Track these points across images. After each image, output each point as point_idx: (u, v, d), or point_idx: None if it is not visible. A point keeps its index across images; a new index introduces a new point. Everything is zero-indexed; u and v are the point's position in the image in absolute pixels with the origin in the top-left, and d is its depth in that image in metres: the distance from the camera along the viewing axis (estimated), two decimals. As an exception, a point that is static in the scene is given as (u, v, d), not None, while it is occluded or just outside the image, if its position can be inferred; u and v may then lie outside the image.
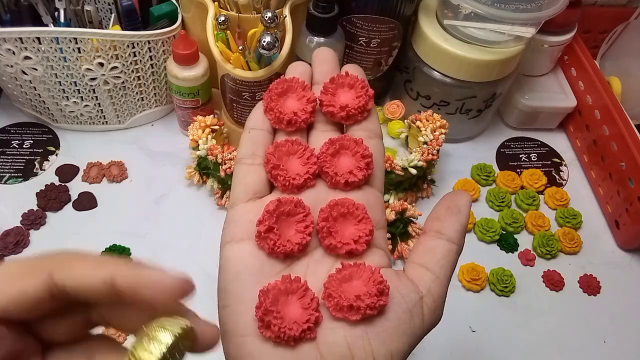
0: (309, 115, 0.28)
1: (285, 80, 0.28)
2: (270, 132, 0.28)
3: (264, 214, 0.25)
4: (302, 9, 0.56)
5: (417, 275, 0.25)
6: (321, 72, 0.29)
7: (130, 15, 0.57)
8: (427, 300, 0.24)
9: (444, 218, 0.26)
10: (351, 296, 0.23)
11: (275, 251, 0.24)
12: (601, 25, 0.73)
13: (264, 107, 0.28)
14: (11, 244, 0.54)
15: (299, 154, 0.27)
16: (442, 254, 0.25)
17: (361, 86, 0.28)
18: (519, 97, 0.69)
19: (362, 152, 0.27)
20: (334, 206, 0.25)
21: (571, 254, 0.61)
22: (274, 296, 0.23)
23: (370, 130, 0.28)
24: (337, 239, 0.25)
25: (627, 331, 0.56)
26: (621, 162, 0.61)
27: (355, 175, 0.26)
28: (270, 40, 0.49)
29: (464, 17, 0.57)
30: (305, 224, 0.25)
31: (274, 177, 0.26)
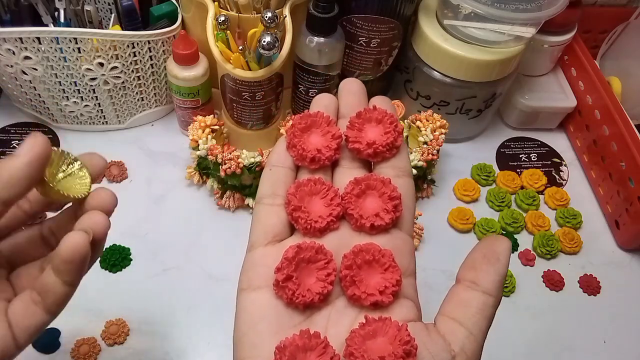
0: (334, 152, 0.26)
1: (309, 115, 0.27)
2: (292, 170, 0.27)
3: (283, 261, 0.23)
4: (302, 8, 0.56)
5: (449, 331, 0.23)
6: (347, 105, 0.28)
7: (130, 15, 0.57)
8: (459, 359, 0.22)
9: (479, 267, 0.24)
10: (375, 357, 0.21)
11: (294, 301, 0.23)
12: (601, 25, 0.73)
13: (287, 142, 0.27)
14: (11, 244, 0.53)
15: (322, 194, 0.25)
16: (478, 308, 0.23)
17: (390, 121, 0.27)
18: (519, 97, 0.69)
19: (389, 193, 0.25)
20: (359, 253, 0.24)
21: (571, 254, 0.61)
22: (291, 353, 0.21)
23: (399, 169, 0.27)
24: (362, 289, 0.23)
25: (627, 331, 0.56)
26: (621, 162, 0.61)
27: (382, 219, 0.25)
28: (270, 40, 0.49)
29: (464, 17, 0.57)
30: (327, 272, 0.24)
31: (295, 220, 0.25)
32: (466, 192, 0.64)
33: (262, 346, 0.22)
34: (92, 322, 0.50)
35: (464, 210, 0.61)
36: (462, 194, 0.64)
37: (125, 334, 0.50)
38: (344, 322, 0.23)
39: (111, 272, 0.54)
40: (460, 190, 0.64)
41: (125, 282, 0.53)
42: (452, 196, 0.64)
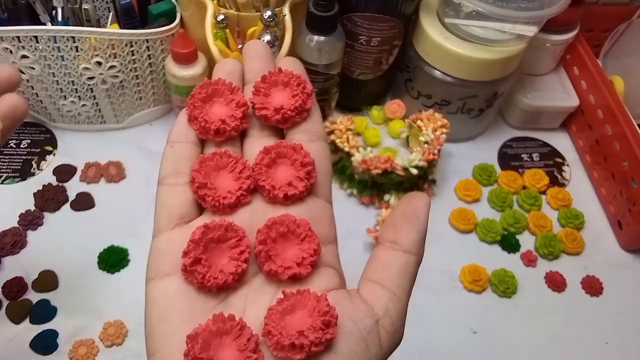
0: (240, 121, 0.24)
1: (209, 83, 0.25)
2: (196, 145, 0.25)
3: (189, 244, 0.22)
4: (302, 7, 0.55)
5: (372, 295, 0.22)
6: (253, 70, 0.26)
7: (128, 14, 0.57)
8: (384, 323, 0.22)
9: (399, 227, 0.23)
10: (293, 332, 0.20)
11: (205, 285, 0.21)
12: (604, 24, 0.73)
13: (187, 115, 0.25)
14: (8, 245, 0.53)
15: (229, 167, 0.24)
16: (400, 268, 0.23)
17: (297, 83, 0.25)
18: (520, 96, 0.68)
19: (301, 159, 0.23)
20: (272, 226, 0.22)
21: (573, 255, 0.60)
22: (205, 340, 0.20)
23: (311, 133, 0.25)
24: (278, 263, 0.22)
25: (630, 332, 0.55)
26: (624, 162, 0.60)
27: (295, 187, 0.23)
28: (269, 39, 0.49)
29: (466, 15, 0.57)
30: (240, 250, 0.22)
31: (201, 198, 0.23)
32: (467, 192, 0.63)
33: (174, 336, 0.21)
34: (90, 323, 0.50)
35: (465, 211, 0.61)
36: (464, 194, 0.63)
37: (124, 335, 0.49)
38: (262, 301, 0.22)
39: (109, 273, 0.53)
40: (462, 190, 0.63)
41: (123, 283, 0.53)
42: (454, 196, 0.64)
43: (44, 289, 0.51)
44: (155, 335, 0.21)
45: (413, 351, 0.52)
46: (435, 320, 0.54)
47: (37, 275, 0.52)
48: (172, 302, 0.22)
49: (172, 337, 0.21)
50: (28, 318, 0.50)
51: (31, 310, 0.50)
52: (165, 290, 0.22)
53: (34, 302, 0.50)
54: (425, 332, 0.53)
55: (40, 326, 0.49)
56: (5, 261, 0.53)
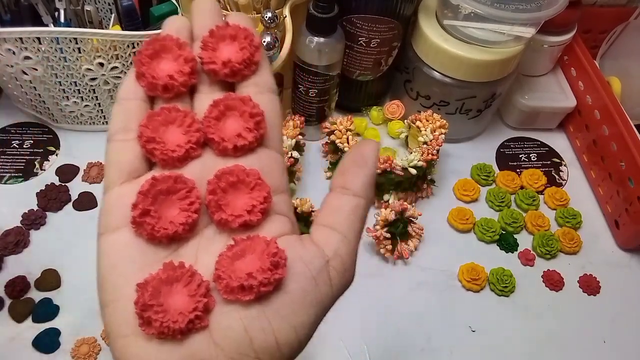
0: (188, 77, 0.24)
1: (157, 39, 0.24)
2: (145, 101, 0.24)
3: (138, 195, 0.21)
4: (302, 9, 0.56)
5: (323, 238, 0.23)
6: (201, 27, 0.25)
7: (130, 16, 0.57)
8: (334, 263, 0.22)
9: (348, 172, 0.24)
10: (242, 274, 0.20)
11: (155, 236, 0.21)
12: (601, 25, 0.73)
13: (135, 72, 0.24)
14: (11, 244, 0.54)
15: (178, 122, 0.23)
16: (349, 211, 0.23)
17: (244, 36, 0.25)
18: (518, 97, 0.69)
19: (250, 110, 0.23)
20: (222, 176, 0.22)
21: (571, 254, 0.61)
22: (155, 287, 0.20)
23: (260, 85, 0.25)
24: (228, 212, 0.22)
25: (627, 331, 0.56)
26: (621, 162, 0.61)
27: (244, 138, 0.23)
28: (270, 41, 0.49)
29: (464, 17, 0.58)
30: (190, 201, 0.22)
31: (150, 152, 0.23)
32: (466, 192, 0.64)
33: (125, 286, 0.21)
34: (92, 322, 0.50)
35: (463, 210, 0.61)
36: (462, 194, 0.64)
37: None
38: (214, 250, 0.22)
39: (111, 272, 0.54)
40: (460, 190, 0.64)
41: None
42: (452, 196, 0.64)
43: (46, 288, 0.52)
44: (106, 286, 0.21)
45: (412, 349, 0.52)
46: (434, 318, 0.54)
47: (40, 274, 0.52)
48: (123, 253, 0.22)
49: (123, 288, 0.21)
50: (30, 317, 0.50)
51: (34, 309, 0.50)
52: (115, 242, 0.22)
53: (36, 301, 0.51)
54: (424, 330, 0.53)
55: (42, 325, 0.50)
56: (8, 260, 0.53)
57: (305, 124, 0.62)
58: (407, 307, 0.55)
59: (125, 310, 0.20)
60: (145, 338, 0.20)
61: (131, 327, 0.20)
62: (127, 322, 0.20)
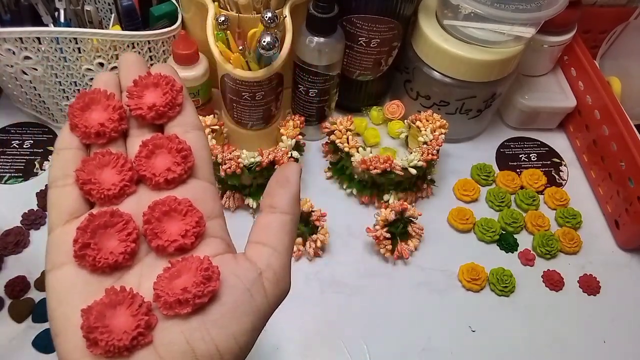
0: (118, 123, 0.26)
1: (86, 93, 0.27)
2: (81, 150, 0.26)
3: (77, 231, 0.23)
4: (302, 9, 0.56)
5: (255, 254, 0.25)
6: (127, 78, 0.28)
7: (130, 16, 0.57)
8: (267, 274, 0.24)
9: (274, 192, 0.26)
10: (178, 290, 0.22)
11: (97, 266, 0.23)
12: (601, 25, 0.73)
13: (70, 124, 0.26)
14: (11, 244, 0.54)
15: (112, 164, 0.25)
16: (278, 227, 0.25)
17: (165, 82, 0.27)
18: (518, 97, 0.69)
19: (176, 146, 0.26)
20: (155, 206, 0.24)
21: (571, 254, 0.61)
22: (98, 312, 0.22)
23: (186, 125, 0.27)
24: (164, 238, 0.24)
25: (627, 331, 0.56)
26: (621, 162, 0.61)
27: (173, 171, 0.25)
28: (270, 41, 0.49)
29: (464, 17, 0.58)
30: (127, 232, 0.24)
31: (87, 193, 0.25)
32: (466, 192, 0.64)
33: (73, 316, 0.22)
34: (92, 322, 0.50)
35: (463, 210, 0.61)
36: (462, 194, 0.64)
37: (125, 334, 0.50)
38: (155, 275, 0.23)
39: (111, 272, 0.54)
40: (460, 190, 0.64)
41: (125, 282, 0.53)
42: (452, 196, 0.64)
43: (46, 288, 0.52)
44: (56, 317, 0.23)
45: (412, 349, 0.52)
46: (434, 318, 0.54)
47: (40, 274, 0.52)
48: (69, 285, 0.23)
49: (71, 317, 0.22)
50: (30, 317, 0.50)
51: (33, 309, 0.50)
52: (61, 277, 0.23)
53: (36, 301, 0.51)
54: (424, 330, 0.53)
55: (42, 325, 0.50)
56: (8, 260, 0.53)
57: (305, 124, 0.62)
58: (407, 307, 0.55)
59: (75, 336, 0.22)
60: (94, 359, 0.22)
61: (80, 351, 0.22)
62: (76, 347, 0.22)
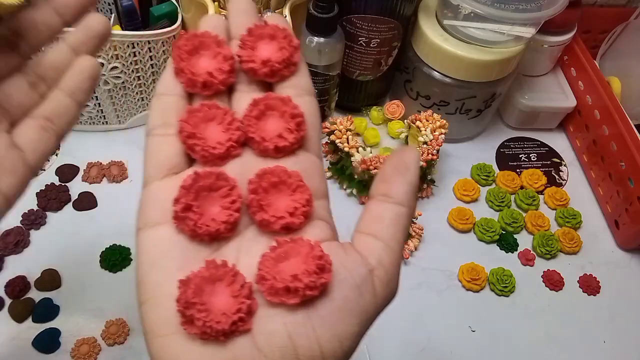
0: (227, 75, 0.24)
1: (195, 35, 0.24)
2: (183, 98, 0.24)
3: (180, 190, 0.21)
4: (302, 9, 0.56)
5: (365, 246, 0.22)
6: (238, 26, 0.25)
7: (130, 16, 0.57)
8: (378, 272, 0.21)
9: (390, 179, 0.23)
10: (287, 276, 0.20)
11: (197, 233, 0.21)
12: (601, 25, 0.73)
13: (174, 68, 0.24)
14: (11, 244, 0.54)
15: (218, 119, 0.23)
16: (392, 219, 0.22)
17: (283, 36, 0.24)
18: (518, 97, 0.69)
19: (290, 111, 0.23)
20: (264, 175, 0.22)
21: (571, 254, 0.61)
22: (197, 285, 0.19)
23: (299, 87, 0.25)
24: (270, 213, 0.22)
25: (627, 331, 0.56)
26: (621, 162, 0.61)
27: (285, 139, 0.23)
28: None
29: (464, 17, 0.58)
30: (232, 199, 0.22)
31: (190, 148, 0.23)
32: (466, 192, 0.64)
33: (166, 284, 0.20)
34: (92, 322, 0.50)
35: (463, 210, 0.62)
36: (462, 194, 0.64)
37: (126, 334, 0.50)
38: (256, 251, 0.21)
39: (111, 272, 0.54)
40: (460, 190, 0.64)
41: (125, 282, 0.53)
42: (452, 196, 0.64)
43: (46, 288, 0.52)
44: (146, 282, 0.21)
45: (412, 349, 0.52)
46: (434, 318, 0.54)
47: (40, 274, 0.52)
48: (164, 249, 0.21)
49: (164, 284, 0.20)
50: (31, 317, 0.50)
51: (34, 309, 0.50)
52: (156, 238, 0.21)
53: (36, 301, 0.51)
54: (424, 330, 0.53)
55: (42, 325, 0.50)
56: (8, 260, 0.53)
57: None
58: (407, 307, 0.55)
59: (166, 308, 0.20)
60: (187, 338, 0.20)
61: (172, 325, 0.20)
62: (167, 320, 0.20)
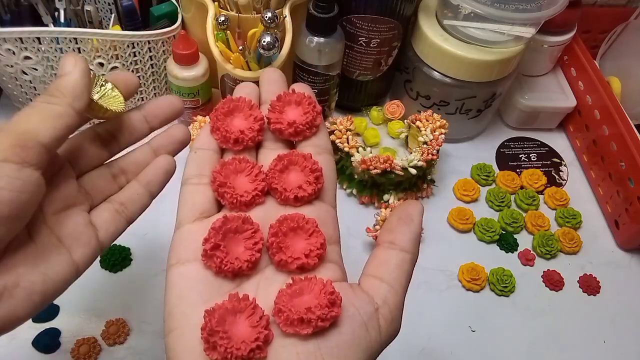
0: (257, 133, 0.28)
1: (231, 100, 0.28)
2: (217, 152, 0.28)
3: (210, 231, 0.24)
4: (302, 9, 0.56)
5: (371, 287, 0.25)
6: (268, 92, 0.29)
7: (130, 16, 0.57)
8: (383, 311, 0.24)
9: (396, 229, 0.26)
10: (301, 309, 0.22)
11: (222, 269, 0.24)
12: (601, 25, 0.73)
13: (211, 126, 0.28)
14: (11, 244, 0.53)
15: (246, 171, 0.27)
16: (396, 264, 0.25)
17: (308, 102, 0.28)
18: (518, 97, 0.69)
19: (310, 166, 0.26)
20: (283, 221, 0.25)
21: (571, 254, 0.61)
22: (220, 316, 0.22)
23: (319, 146, 0.28)
24: (288, 254, 0.24)
25: (627, 331, 0.56)
26: (621, 162, 0.61)
27: (304, 190, 0.26)
28: (270, 41, 0.49)
29: (464, 17, 0.58)
30: (254, 241, 0.25)
31: (221, 195, 0.26)
32: (466, 192, 0.64)
33: (192, 315, 0.23)
34: (92, 322, 0.50)
35: (463, 210, 0.62)
36: (462, 194, 0.64)
37: (126, 334, 0.50)
38: (273, 288, 0.24)
39: (111, 272, 0.54)
40: (460, 190, 0.64)
41: (125, 282, 0.53)
42: (452, 196, 0.64)
43: (46, 288, 0.52)
44: (175, 313, 0.23)
45: (412, 349, 0.52)
46: (434, 318, 0.54)
47: (40, 274, 0.52)
48: (192, 284, 0.24)
49: (190, 316, 0.23)
50: (31, 317, 0.50)
51: (34, 308, 0.50)
52: (185, 274, 0.24)
53: (36, 301, 0.51)
54: (424, 330, 0.53)
55: (42, 325, 0.50)
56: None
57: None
58: (407, 307, 0.54)
59: (191, 337, 0.22)
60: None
61: (196, 353, 0.22)
62: (192, 348, 0.22)
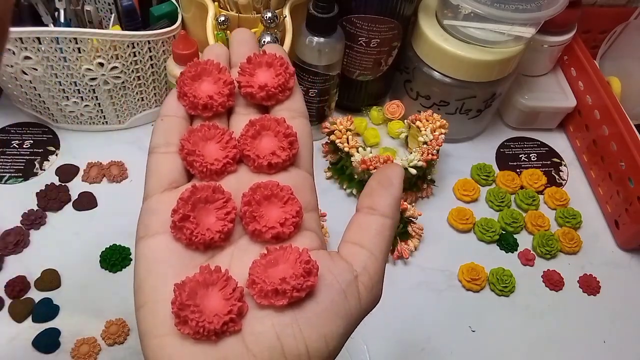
0: (227, 98, 0.26)
1: (198, 63, 0.26)
2: (185, 119, 0.26)
3: (178, 201, 0.23)
4: (302, 9, 0.56)
5: (351, 254, 0.24)
6: (239, 54, 0.28)
7: (130, 16, 0.57)
8: (362, 278, 0.23)
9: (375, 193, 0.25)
10: (276, 280, 0.21)
11: (193, 241, 0.22)
12: (601, 25, 0.73)
13: (178, 92, 0.26)
14: (11, 244, 0.54)
15: (216, 138, 0.25)
16: (376, 230, 0.24)
17: (280, 64, 0.27)
18: (518, 97, 0.69)
19: (284, 131, 0.25)
20: (257, 189, 0.24)
21: (571, 254, 0.61)
22: (191, 289, 0.21)
23: (293, 110, 0.27)
24: (262, 224, 0.23)
25: (627, 331, 0.56)
26: (621, 162, 0.61)
27: (278, 156, 0.25)
28: (270, 40, 0.49)
29: (464, 17, 0.58)
30: (226, 211, 0.23)
31: (189, 164, 0.25)
32: (466, 192, 0.64)
33: (163, 288, 0.21)
34: (92, 322, 0.50)
35: (463, 210, 0.61)
36: (462, 194, 0.64)
37: (125, 334, 0.50)
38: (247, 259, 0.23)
39: (111, 272, 0.54)
40: (460, 190, 0.64)
41: (125, 282, 0.53)
42: (452, 196, 0.64)
43: (46, 288, 0.52)
44: (144, 287, 0.22)
45: (412, 349, 0.52)
46: (434, 318, 0.54)
47: (40, 274, 0.52)
48: (161, 256, 0.23)
49: (160, 289, 0.22)
50: (30, 317, 0.50)
51: (34, 308, 0.50)
52: (154, 246, 0.23)
53: (36, 301, 0.51)
54: (424, 330, 0.53)
55: (42, 325, 0.50)
56: (8, 260, 0.53)
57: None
58: (407, 307, 0.55)
59: (162, 310, 0.21)
60: (180, 338, 0.21)
61: (167, 327, 0.21)
62: (163, 322, 0.21)
